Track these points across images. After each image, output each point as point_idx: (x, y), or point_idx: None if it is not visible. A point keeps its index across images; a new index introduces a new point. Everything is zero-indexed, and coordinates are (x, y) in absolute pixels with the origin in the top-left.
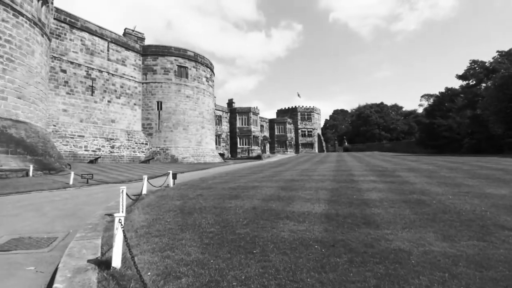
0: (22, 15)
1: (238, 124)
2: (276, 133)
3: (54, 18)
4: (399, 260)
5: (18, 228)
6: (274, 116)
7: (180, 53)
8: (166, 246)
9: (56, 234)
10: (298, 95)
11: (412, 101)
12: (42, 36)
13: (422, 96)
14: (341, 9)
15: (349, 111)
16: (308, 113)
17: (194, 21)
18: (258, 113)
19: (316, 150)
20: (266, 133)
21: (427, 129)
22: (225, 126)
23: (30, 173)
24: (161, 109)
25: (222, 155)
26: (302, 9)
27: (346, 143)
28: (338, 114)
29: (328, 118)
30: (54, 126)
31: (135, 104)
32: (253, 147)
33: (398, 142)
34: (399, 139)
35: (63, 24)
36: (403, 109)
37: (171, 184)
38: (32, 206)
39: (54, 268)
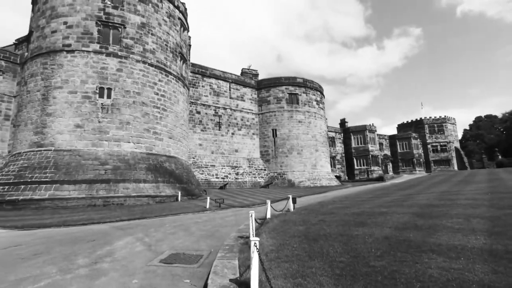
0: (171, 74)
1: (353, 144)
2: (398, 151)
3: (191, 72)
4: None
5: (175, 245)
6: (394, 131)
7: (289, 81)
8: (296, 273)
9: (202, 252)
10: (422, 105)
11: None
12: (184, 87)
13: None
14: (471, 0)
15: (500, 116)
16: (438, 125)
17: (302, 50)
18: (375, 130)
19: (455, 167)
20: (387, 151)
21: None
22: (339, 147)
23: (179, 198)
24: (275, 136)
25: (338, 177)
26: (419, 12)
27: (499, 157)
28: (482, 121)
29: (468, 128)
30: (193, 158)
31: (253, 134)
32: (372, 168)
33: None
34: None
35: (197, 75)
36: None
37: (292, 209)
38: (183, 226)
39: (203, 283)
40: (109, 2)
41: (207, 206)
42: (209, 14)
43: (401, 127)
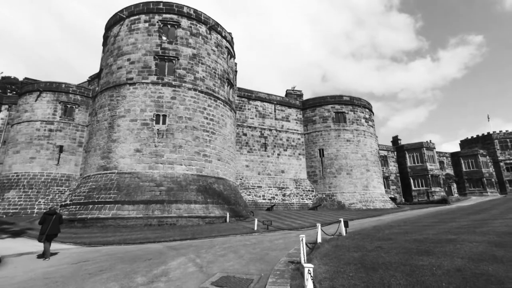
0: (219, 99)
1: (409, 163)
2: (463, 170)
3: (237, 95)
4: None
5: (225, 267)
6: (457, 148)
7: (335, 100)
8: None
9: (252, 276)
10: (488, 118)
11: None
12: (231, 111)
13: None
14: None
15: None
16: None
17: (348, 68)
18: (434, 148)
19: None
20: (449, 171)
21: None
22: (393, 167)
23: (227, 219)
24: (323, 155)
25: (393, 199)
26: (479, 18)
27: None
28: None
29: None
30: (241, 179)
31: (299, 154)
32: (433, 189)
33: None
34: None
35: (243, 98)
36: None
37: (344, 233)
38: (232, 248)
39: None
40: (165, 38)
41: (255, 228)
42: (253, 38)
43: (464, 143)
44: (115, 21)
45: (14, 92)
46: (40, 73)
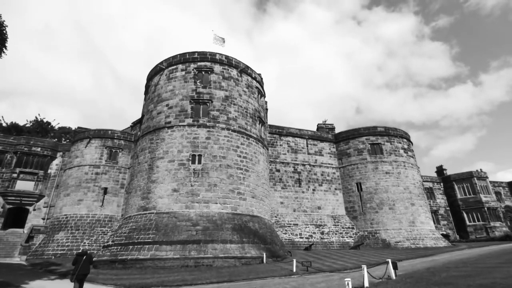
0: (251, 137)
1: (459, 195)
2: None
3: (269, 132)
4: None
5: None
6: None
7: (369, 131)
8: None
9: None
10: None
11: None
12: (263, 148)
13: None
14: None
15: None
16: None
17: (383, 99)
18: (486, 177)
19: None
20: (509, 202)
21: None
22: (441, 199)
23: (264, 260)
24: (361, 190)
25: (446, 236)
26: None
27: None
28: None
29: None
30: (275, 217)
31: (335, 189)
32: (492, 224)
33: None
34: None
35: (274, 135)
36: None
37: (393, 275)
38: None
39: None
40: (199, 84)
41: (294, 270)
42: (284, 74)
43: None
44: (155, 71)
45: (68, 140)
46: (91, 118)
